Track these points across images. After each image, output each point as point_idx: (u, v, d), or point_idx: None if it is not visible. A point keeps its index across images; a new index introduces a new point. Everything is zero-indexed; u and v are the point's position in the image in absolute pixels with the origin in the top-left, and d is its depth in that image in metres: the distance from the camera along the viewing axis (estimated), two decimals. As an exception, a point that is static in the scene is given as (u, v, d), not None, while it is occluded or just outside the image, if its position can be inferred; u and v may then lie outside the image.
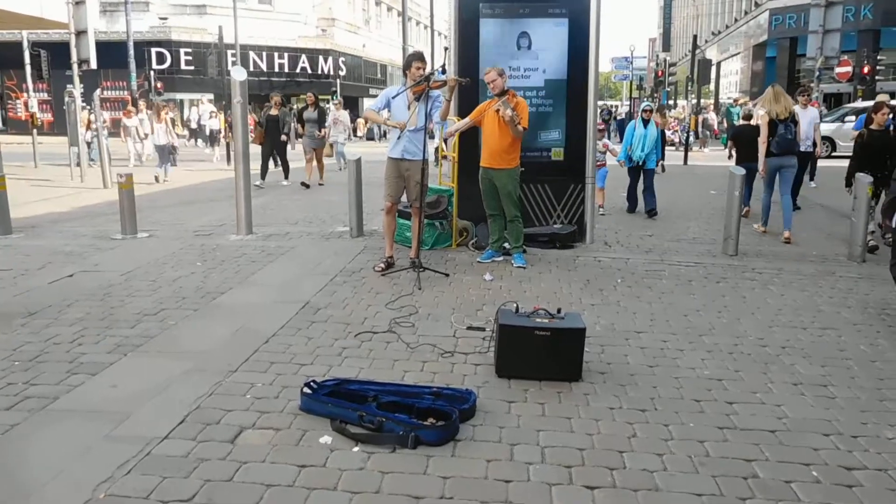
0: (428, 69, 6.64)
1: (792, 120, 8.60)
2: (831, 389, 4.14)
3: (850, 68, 24.42)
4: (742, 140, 10.56)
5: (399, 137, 6.53)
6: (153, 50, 35.84)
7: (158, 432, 3.37)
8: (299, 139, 16.54)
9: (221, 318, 5.21)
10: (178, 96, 36.20)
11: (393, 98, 6.51)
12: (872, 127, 8.34)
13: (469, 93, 7.25)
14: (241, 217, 8.39)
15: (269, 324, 5.02)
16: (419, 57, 6.65)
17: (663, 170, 10.93)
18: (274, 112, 14.25)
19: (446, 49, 7.38)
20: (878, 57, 28.53)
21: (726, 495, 2.97)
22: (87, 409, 3.66)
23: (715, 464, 3.23)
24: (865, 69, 26.13)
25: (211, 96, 34.30)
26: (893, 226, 5.87)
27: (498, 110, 6.51)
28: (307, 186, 13.81)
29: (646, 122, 10.73)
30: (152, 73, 33.02)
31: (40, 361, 4.33)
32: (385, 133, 24.64)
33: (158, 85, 31.95)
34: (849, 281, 6.67)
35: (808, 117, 10.57)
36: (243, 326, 4.99)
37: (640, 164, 10.68)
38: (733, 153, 11.63)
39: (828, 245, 8.37)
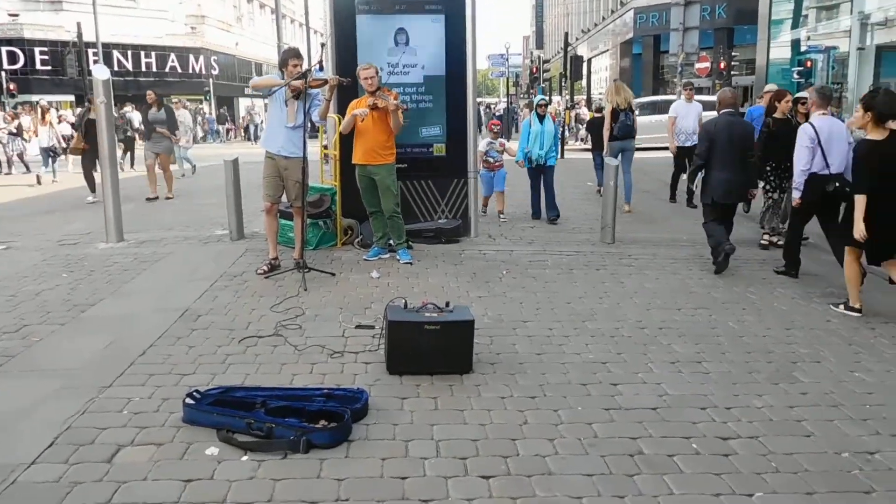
0: (304, 66, 6.49)
1: (630, 109, 10.23)
2: (705, 365, 4.37)
3: (708, 64, 25.96)
4: (595, 130, 11.91)
5: (277, 132, 6.35)
6: (3, 49, 33.35)
7: (25, 458, 3.11)
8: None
9: (92, 332, 4.89)
10: (35, 98, 33.77)
11: (272, 93, 6.32)
12: (777, 116, 7.65)
13: (350, 91, 7.14)
14: (109, 223, 7.90)
15: (146, 334, 4.76)
16: (296, 54, 6.49)
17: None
18: (94, 116, 11.81)
19: (323, 45, 7.26)
20: (733, 53, 30.54)
21: (615, 473, 3.08)
22: (-60, 439, 3.33)
23: (603, 444, 3.34)
24: (722, 65, 27.94)
25: (72, 98, 32.29)
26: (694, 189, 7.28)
27: (375, 105, 6.44)
28: (154, 199, 11.89)
29: (541, 118, 9.71)
30: (3, 73, 30.65)
31: None
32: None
33: (11, 87, 29.71)
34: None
35: (693, 111, 10.92)
36: (117, 339, 4.70)
37: (542, 163, 9.61)
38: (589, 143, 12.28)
39: (698, 230, 8.83)
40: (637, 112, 11.59)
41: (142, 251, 7.46)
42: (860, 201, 5.21)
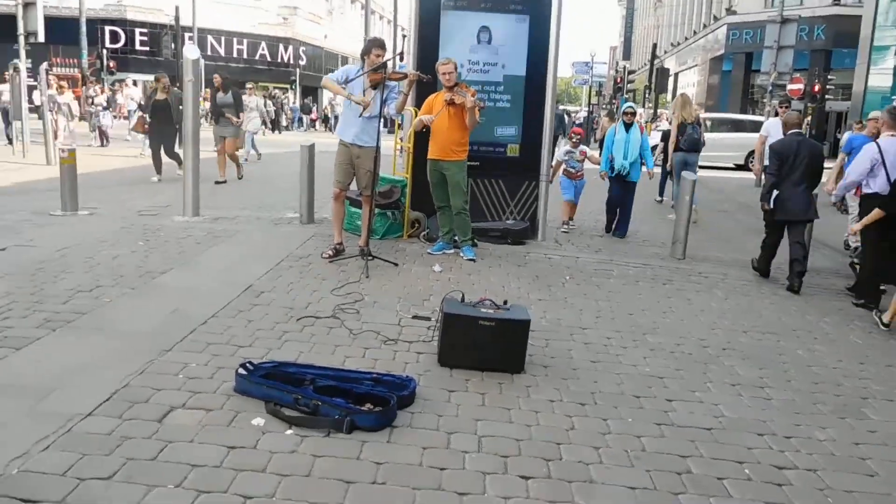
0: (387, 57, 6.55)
1: (697, 123, 10.66)
2: (767, 391, 4.19)
3: (801, 85, 25.03)
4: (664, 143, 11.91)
5: (352, 121, 6.43)
6: (107, 28, 34.92)
7: (82, 409, 3.23)
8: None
9: (159, 298, 5.05)
10: (132, 76, 35.31)
11: (351, 80, 6.40)
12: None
13: (429, 86, 7.17)
14: (188, 198, 8.17)
15: (209, 305, 4.88)
16: (380, 44, 6.55)
17: (650, 177, 9.72)
18: (162, 96, 11.90)
19: (405, 36, 7.30)
20: (829, 77, 29.35)
21: (659, 489, 2.97)
22: (8, 384, 3.49)
23: (650, 458, 3.23)
24: (816, 87, 26.87)
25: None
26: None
27: (452, 101, 6.45)
28: (222, 182, 11.74)
29: (627, 126, 8.99)
30: (105, 51, 32.12)
31: (-39, 334, 4.13)
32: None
33: (111, 64, 31.10)
34: (785, 286, 6.79)
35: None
36: (182, 307, 4.83)
37: (625, 174, 8.91)
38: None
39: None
40: (707, 127, 11.59)
41: (215, 227, 7.68)
42: None
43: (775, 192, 6.91)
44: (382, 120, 6.57)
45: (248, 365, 3.61)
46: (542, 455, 3.16)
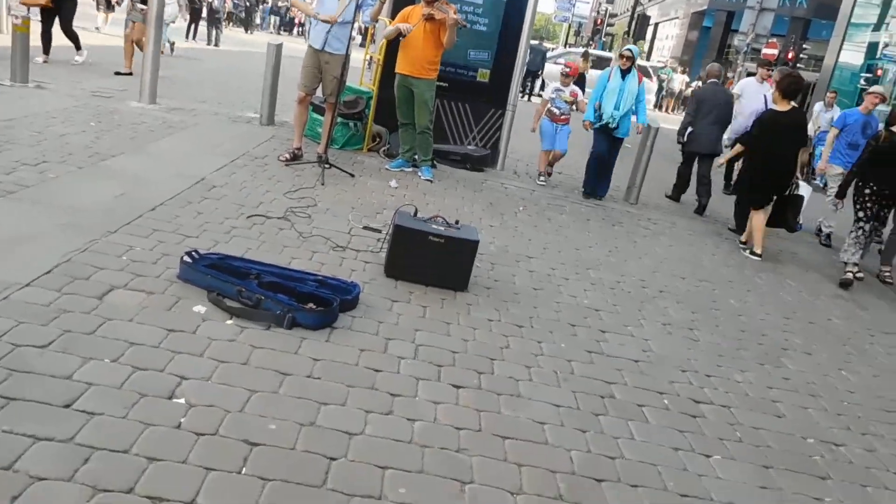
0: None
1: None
2: (696, 333, 4.38)
3: (776, 51, 25.08)
4: None
5: (323, 27, 6.26)
6: None
7: (21, 279, 3.19)
8: None
9: (108, 180, 4.94)
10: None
11: (322, -18, 6.21)
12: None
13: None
14: (145, 83, 7.90)
15: (159, 193, 4.80)
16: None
17: (638, 132, 8.05)
18: None
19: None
20: (804, 45, 29.49)
21: (582, 410, 3.12)
22: (-56, 246, 3.42)
23: (577, 381, 3.38)
24: (790, 54, 27.00)
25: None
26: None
27: (431, 16, 6.31)
28: (125, 74, 10.13)
29: (624, 73, 7.54)
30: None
31: None
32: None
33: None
34: (733, 244, 7.01)
35: (762, 92, 8.78)
36: (130, 191, 4.74)
37: (613, 127, 7.56)
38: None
39: (724, 208, 8.72)
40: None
41: (171, 117, 7.47)
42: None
43: (689, 129, 8.29)
44: (356, 29, 6.40)
45: (193, 253, 3.60)
46: (475, 368, 3.27)
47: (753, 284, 5.76)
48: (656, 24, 45.13)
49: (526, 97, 18.27)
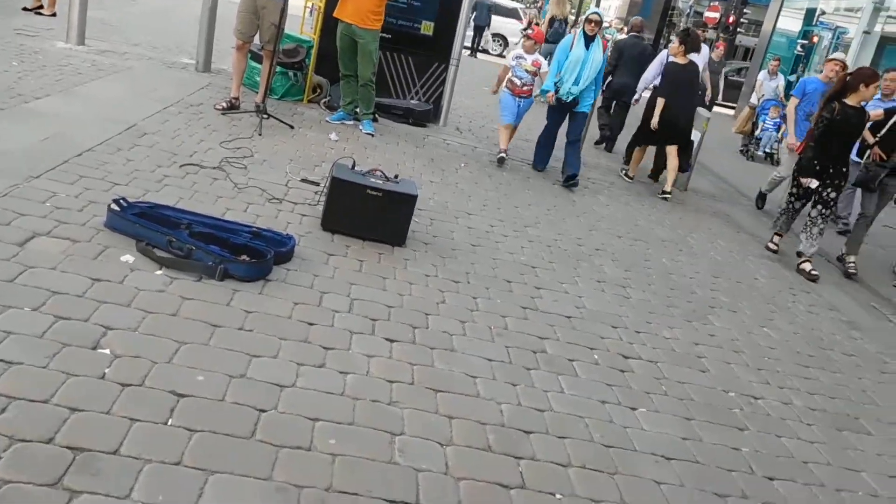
0: None
1: (565, 20, 12.03)
2: (628, 291, 4.48)
3: (717, 14, 25.41)
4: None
5: None
6: None
7: (-67, 223, 3.04)
8: None
9: (30, 123, 4.71)
10: None
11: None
12: (850, 102, 5.79)
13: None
14: (72, 23, 7.50)
15: (86, 138, 4.60)
16: None
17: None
18: None
19: None
20: (745, 10, 29.90)
21: (514, 364, 3.18)
22: None
23: (511, 337, 3.43)
24: (731, 18, 27.36)
25: None
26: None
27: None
28: (36, 12, 8.93)
29: (589, 40, 6.78)
30: None
31: None
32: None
33: None
34: (667, 205, 7.17)
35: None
36: (55, 135, 4.54)
37: (570, 102, 6.89)
38: None
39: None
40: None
41: (101, 60, 7.14)
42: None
43: (609, 78, 8.89)
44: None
45: (121, 201, 3.48)
46: (409, 322, 3.29)
47: (686, 244, 5.91)
48: (604, -16, 45.05)
49: (470, 52, 18.11)
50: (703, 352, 3.85)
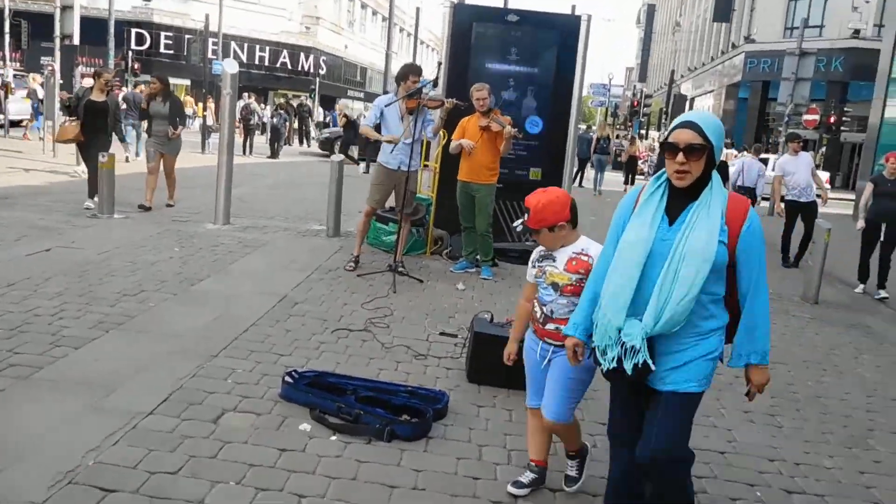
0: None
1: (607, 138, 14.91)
2: (778, 419, 4.41)
3: (817, 116, 25.27)
4: None
5: (395, 148, 6.68)
6: (133, 30, 35.44)
7: (144, 407, 3.49)
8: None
9: (200, 305, 5.32)
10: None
11: (386, 107, 6.69)
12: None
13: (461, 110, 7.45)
14: (219, 206, 8.47)
15: (248, 314, 5.15)
16: (417, 71, 6.81)
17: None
18: (99, 97, 9.02)
19: (440, 64, 7.58)
20: (845, 108, 29.55)
21: None
22: (72, 381, 3.76)
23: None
24: (832, 119, 27.08)
25: (188, 82, 34.12)
26: None
27: (488, 127, 6.71)
28: (146, 209, 9.06)
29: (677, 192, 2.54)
30: (130, 53, 32.61)
31: (23, 331, 4.40)
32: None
33: (136, 66, 31.58)
34: (801, 321, 7.02)
35: (803, 164, 10.11)
36: (223, 314, 5.10)
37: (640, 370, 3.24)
38: None
39: (784, 286, 8.73)
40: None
41: (245, 236, 7.96)
42: None
43: None
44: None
45: (293, 373, 3.87)
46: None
47: (828, 363, 5.76)
48: (692, 99, 45.78)
49: (577, 183, 18.86)
50: (870, 481, 3.72)
